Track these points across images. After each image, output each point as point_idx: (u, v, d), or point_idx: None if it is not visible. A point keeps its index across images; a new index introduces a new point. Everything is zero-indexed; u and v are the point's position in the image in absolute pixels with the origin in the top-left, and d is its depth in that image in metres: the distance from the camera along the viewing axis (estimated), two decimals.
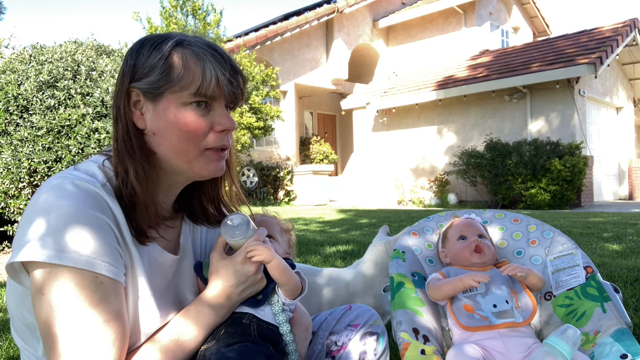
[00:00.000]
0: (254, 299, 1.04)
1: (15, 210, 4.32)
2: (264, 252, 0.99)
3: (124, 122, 0.92)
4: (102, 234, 0.83)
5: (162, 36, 0.94)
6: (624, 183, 12.95)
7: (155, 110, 0.91)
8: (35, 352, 0.93)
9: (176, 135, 0.91)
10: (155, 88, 0.90)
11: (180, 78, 0.89)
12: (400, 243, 1.55)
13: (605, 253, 3.70)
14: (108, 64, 4.84)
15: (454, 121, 12.20)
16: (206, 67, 0.90)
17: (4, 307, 2.58)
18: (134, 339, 0.91)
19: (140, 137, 0.92)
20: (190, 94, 0.90)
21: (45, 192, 0.84)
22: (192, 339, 0.95)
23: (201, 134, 0.92)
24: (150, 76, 0.89)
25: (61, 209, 0.81)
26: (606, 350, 1.13)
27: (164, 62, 0.89)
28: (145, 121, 0.92)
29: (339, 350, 1.20)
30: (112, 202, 0.88)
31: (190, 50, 0.91)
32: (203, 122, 0.92)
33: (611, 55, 10.46)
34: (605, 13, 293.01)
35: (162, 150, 0.93)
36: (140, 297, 0.92)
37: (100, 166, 0.92)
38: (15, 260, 0.81)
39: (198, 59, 0.90)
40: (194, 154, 0.93)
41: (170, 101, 0.90)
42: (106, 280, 0.83)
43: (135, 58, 0.92)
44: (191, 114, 0.91)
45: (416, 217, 6.94)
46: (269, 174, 12.02)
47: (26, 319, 0.91)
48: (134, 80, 0.91)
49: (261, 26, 14.45)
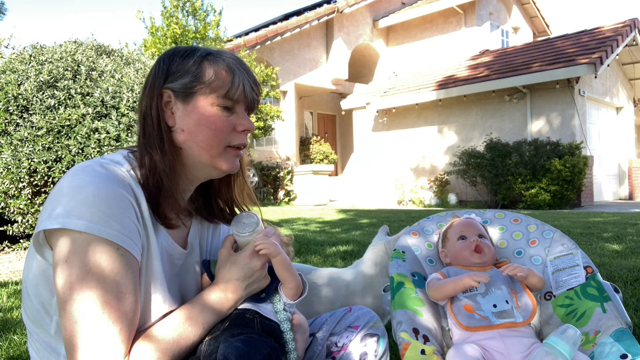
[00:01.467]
0: (257, 296, 1.06)
1: (15, 210, 4.32)
2: (271, 246, 1.04)
3: (156, 119, 1.01)
4: (125, 211, 0.90)
5: (193, 47, 1.06)
6: (624, 183, 12.95)
7: (186, 109, 1.01)
8: (47, 332, 0.96)
9: (204, 131, 1.01)
10: (188, 89, 1.01)
11: (211, 82, 1.01)
12: (400, 243, 1.55)
13: (605, 253, 3.70)
14: (108, 64, 4.84)
15: (454, 121, 12.20)
16: (236, 75, 1.03)
17: (4, 307, 2.58)
18: (143, 320, 0.94)
19: (169, 133, 1.02)
20: (218, 96, 1.01)
21: (75, 171, 0.91)
22: (195, 333, 0.96)
23: (226, 131, 1.03)
24: (184, 78, 1.01)
25: (89, 184, 0.88)
26: (606, 350, 1.13)
27: (197, 67, 1.01)
28: (175, 119, 1.02)
29: (339, 352, 1.21)
30: (136, 187, 0.96)
31: (222, 60, 1.03)
32: (227, 122, 1.03)
33: (611, 55, 10.46)
34: (605, 13, 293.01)
35: (188, 145, 1.02)
36: (153, 278, 0.97)
37: (126, 157, 1.01)
38: (44, 228, 0.86)
39: (229, 68, 1.03)
40: (217, 150, 1.03)
41: (200, 101, 1.01)
42: (125, 253, 0.88)
43: (168, 63, 1.03)
44: (218, 114, 1.02)
45: (416, 217, 6.94)
46: (269, 174, 12.02)
47: (42, 295, 0.95)
48: (166, 82, 1.02)
49: (261, 26, 14.47)
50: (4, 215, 4.47)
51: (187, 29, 10.04)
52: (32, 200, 4.27)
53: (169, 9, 10.02)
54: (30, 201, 4.26)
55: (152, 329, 0.94)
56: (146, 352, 0.89)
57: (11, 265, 4.08)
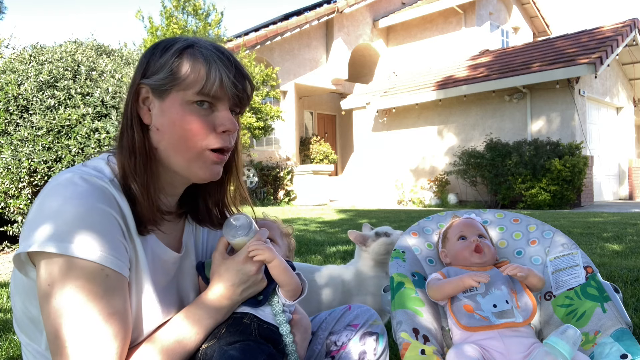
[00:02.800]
0: (254, 299, 1.04)
1: (15, 210, 4.32)
2: (265, 251, 1.00)
3: (130, 115, 0.95)
4: (109, 228, 0.85)
5: (175, 39, 0.97)
6: (624, 183, 12.94)
7: (161, 107, 0.94)
8: (39, 346, 0.94)
9: (177, 132, 0.93)
10: (162, 85, 0.93)
11: (186, 77, 0.92)
12: (400, 243, 1.55)
13: (605, 253, 3.70)
14: (108, 64, 4.84)
15: (454, 121, 12.20)
16: (211, 67, 0.92)
17: (3, 307, 2.58)
18: (136, 334, 0.91)
19: (144, 132, 0.95)
20: (194, 92, 0.92)
21: (55, 185, 0.86)
22: (193, 338, 0.95)
23: (202, 134, 0.93)
24: (159, 74, 0.93)
25: (70, 201, 0.83)
26: (606, 350, 1.13)
27: (173, 61, 0.92)
28: (151, 117, 0.95)
29: (338, 350, 1.20)
30: (119, 197, 0.90)
31: (199, 52, 0.94)
32: (204, 123, 0.93)
33: (611, 55, 10.46)
34: (605, 13, 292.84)
35: (163, 146, 0.95)
36: (144, 292, 0.93)
37: (107, 162, 0.95)
38: (24, 251, 0.82)
39: (205, 59, 0.93)
40: (192, 154, 0.94)
41: (175, 99, 0.93)
42: (112, 274, 0.84)
43: (148, 57, 0.96)
44: (194, 113, 0.93)
45: (416, 217, 6.94)
46: (269, 174, 12.01)
47: (30, 312, 0.92)
48: (144, 78, 0.94)
49: (261, 26, 14.45)
50: (4, 215, 4.47)
51: (187, 28, 10.04)
52: (32, 200, 4.27)
53: (169, 9, 10.02)
54: (30, 201, 4.26)
55: (152, 334, 0.93)
56: (145, 357, 0.89)
57: (11, 265, 4.08)
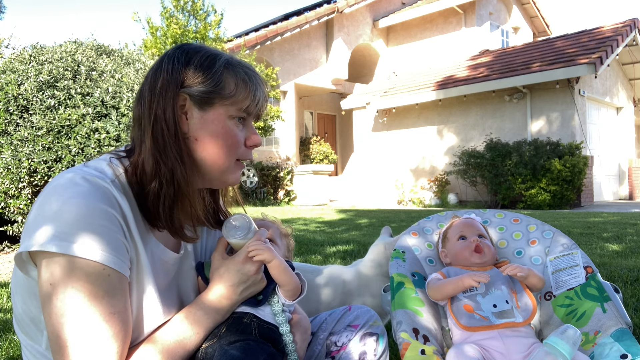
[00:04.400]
0: (254, 299, 1.05)
1: (15, 210, 4.32)
2: (265, 251, 1.01)
3: (172, 125, 0.94)
4: (110, 228, 0.86)
5: (214, 52, 1.01)
6: (624, 183, 12.94)
7: (203, 118, 0.97)
8: (39, 346, 0.94)
9: (219, 144, 0.98)
10: (208, 98, 0.96)
11: (233, 94, 0.98)
12: (400, 243, 1.55)
13: (605, 253, 3.70)
14: (108, 64, 4.84)
15: (454, 121, 12.20)
16: (257, 90, 1.01)
17: (4, 307, 2.58)
18: (136, 334, 0.92)
19: (185, 141, 0.97)
20: (239, 109, 0.99)
21: (57, 185, 0.87)
22: (193, 338, 0.95)
23: (238, 147, 1.01)
24: (204, 86, 0.96)
25: (72, 201, 0.83)
26: (606, 350, 1.13)
27: (219, 76, 0.97)
28: (189, 126, 0.97)
29: (338, 351, 1.20)
30: (120, 198, 0.90)
31: (243, 72, 1.00)
32: (239, 136, 1.01)
33: (611, 55, 10.46)
34: (605, 13, 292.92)
35: (200, 156, 0.98)
36: (145, 292, 0.94)
37: (109, 164, 0.95)
38: (25, 250, 0.82)
39: (250, 81, 1.00)
40: (228, 164, 1.01)
41: (219, 112, 0.97)
42: (113, 273, 0.85)
43: (184, 65, 0.96)
44: (234, 128, 1.00)
45: (416, 217, 6.94)
46: (269, 174, 12.01)
47: (31, 312, 0.92)
48: (184, 87, 0.95)
49: (261, 26, 14.46)
50: (4, 215, 4.47)
51: (188, 29, 10.04)
52: (32, 200, 4.27)
53: (168, 9, 10.02)
54: (30, 201, 4.26)
55: (152, 334, 0.93)
56: (146, 357, 0.89)
57: (11, 265, 4.08)
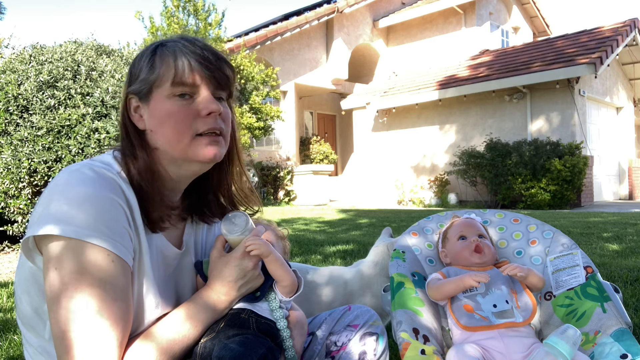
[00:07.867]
0: (252, 295, 1.06)
1: (15, 210, 4.32)
2: (262, 246, 1.02)
3: (124, 125, 1.01)
4: (116, 216, 0.88)
5: (152, 44, 1.02)
6: (624, 183, 12.94)
7: (149, 110, 0.98)
8: (42, 338, 0.95)
9: (167, 126, 0.96)
10: (143, 88, 0.98)
11: (159, 73, 0.96)
12: (400, 243, 1.55)
13: (605, 253, 3.70)
14: (108, 64, 4.84)
15: (454, 121, 12.19)
16: (178, 56, 0.96)
17: (4, 307, 2.58)
18: (136, 324, 0.92)
19: (142, 137, 1.00)
20: (169, 85, 0.95)
21: (64, 175, 0.89)
22: (191, 333, 0.96)
23: (187, 121, 0.96)
24: (139, 78, 0.98)
25: (79, 189, 0.86)
26: (606, 350, 1.13)
27: (147, 62, 0.97)
28: (144, 122, 0.99)
29: (338, 351, 1.21)
30: (127, 189, 0.93)
31: (166, 48, 0.98)
32: (187, 110, 0.96)
33: (611, 55, 10.46)
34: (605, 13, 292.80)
35: (160, 144, 0.98)
36: (145, 282, 0.95)
37: (114, 157, 0.99)
38: (34, 234, 0.84)
39: (171, 51, 0.97)
40: (186, 141, 0.97)
41: (157, 98, 0.97)
42: (116, 260, 0.86)
43: (132, 66, 1.01)
44: (175, 105, 0.96)
45: (416, 217, 6.94)
46: (269, 174, 12.01)
47: (35, 301, 0.93)
48: (129, 87, 0.99)
49: (261, 26, 14.45)
50: (4, 215, 4.47)
51: (188, 29, 10.04)
52: (32, 200, 4.27)
53: (169, 9, 10.02)
54: (30, 201, 4.26)
55: (149, 329, 0.93)
56: (144, 352, 0.89)
57: (11, 265, 4.08)
